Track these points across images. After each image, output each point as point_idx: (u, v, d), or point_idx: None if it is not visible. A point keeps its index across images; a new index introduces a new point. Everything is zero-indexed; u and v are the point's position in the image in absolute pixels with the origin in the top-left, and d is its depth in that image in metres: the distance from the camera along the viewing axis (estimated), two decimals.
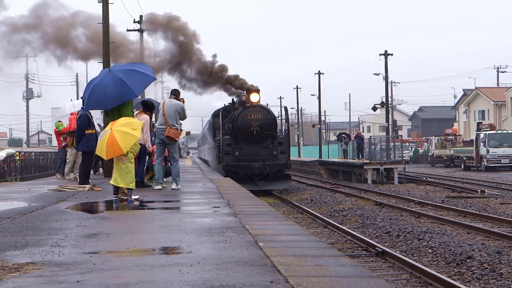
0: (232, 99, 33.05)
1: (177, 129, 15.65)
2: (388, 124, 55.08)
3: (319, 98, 72.95)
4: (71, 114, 20.98)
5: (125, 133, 11.94)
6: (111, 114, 13.00)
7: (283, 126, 33.72)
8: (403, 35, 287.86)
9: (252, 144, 29.95)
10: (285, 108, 34.20)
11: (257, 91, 30.21)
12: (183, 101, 16.34)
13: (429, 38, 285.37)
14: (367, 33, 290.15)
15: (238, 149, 29.94)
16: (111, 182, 12.46)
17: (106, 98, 12.68)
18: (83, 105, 14.83)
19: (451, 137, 66.15)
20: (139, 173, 16.29)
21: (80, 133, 16.71)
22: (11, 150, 42.38)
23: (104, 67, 21.63)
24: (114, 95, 12.62)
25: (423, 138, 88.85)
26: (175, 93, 16.20)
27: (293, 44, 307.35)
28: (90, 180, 17.49)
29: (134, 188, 12.53)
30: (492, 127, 57.70)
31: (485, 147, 51.67)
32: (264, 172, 29.64)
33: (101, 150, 12.06)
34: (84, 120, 16.73)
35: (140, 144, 15.40)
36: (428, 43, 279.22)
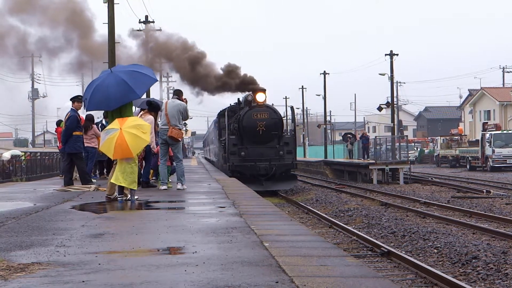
0: (238, 98, 32.95)
1: (180, 129, 15.65)
2: (394, 124, 55.07)
3: (324, 98, 72.96)
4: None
5: (136, 136, 11.86)
6: (112, 115, 12.99)
7: (289, 126, 33.59)
8: (408, 35, 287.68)
9: (258, 144, 29.80)
10: (291, 108, 34.01)
11: (263, 90, 30.05)
12: (186, 101, 16.36)
13: (434, 38, 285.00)
14: (373, 33, 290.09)
15: (244, 149, 29.82)
16: (112, 180, 12.36)
17: (109, 99, 12.68)
18: (84, 106, 14.78)
19: (456, 137, 66.06)
20: (144, 173, 16.32)
21: (68, 134, 16.38)
22: (17, 151, 42.48)
23: (109, 66, 21.65)
24: (118, 96, 12.63)
25: (429, 138, 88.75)
26: (177, 93, 16.20)
27: (298, 44, 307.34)
28: (95, 180, 17.51)
29: (135, 188, 12.47)
30: (497, 127, 57.61)
31: (490, 147, 51.54)
32: (270, 172, 29.50)
33: (108, 149, 11.97)
34: (73, 121, 16.52)
35: None
36: (434, 43, 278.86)
